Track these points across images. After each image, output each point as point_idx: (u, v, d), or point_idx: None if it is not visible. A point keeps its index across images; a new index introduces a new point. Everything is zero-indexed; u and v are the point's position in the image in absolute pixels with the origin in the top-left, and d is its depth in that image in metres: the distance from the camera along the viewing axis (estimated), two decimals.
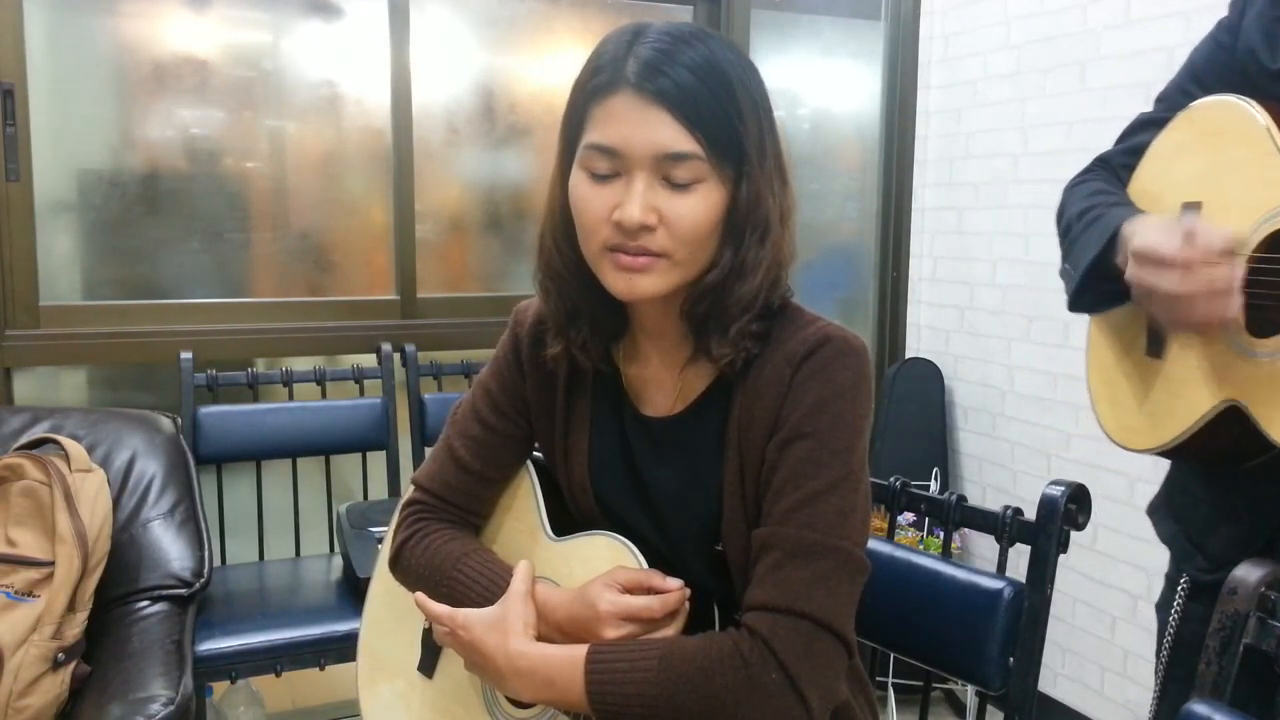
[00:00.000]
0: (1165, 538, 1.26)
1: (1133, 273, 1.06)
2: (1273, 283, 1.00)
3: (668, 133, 0.89)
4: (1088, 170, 1.30)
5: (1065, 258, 1.23)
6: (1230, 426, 1.05)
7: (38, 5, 2.21)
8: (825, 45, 3.06)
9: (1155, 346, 1.16)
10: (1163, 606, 1.27)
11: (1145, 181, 1.22)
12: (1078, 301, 1.20)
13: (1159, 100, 1.26)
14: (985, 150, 2.84)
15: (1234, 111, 1.09)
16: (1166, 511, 1.26)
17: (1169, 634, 1.24)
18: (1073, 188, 1.28)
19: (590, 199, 0.93)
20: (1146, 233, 1.05)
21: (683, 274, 0.95)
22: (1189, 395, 1.10)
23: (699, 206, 0.91)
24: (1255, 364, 1.02)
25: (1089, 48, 2.48)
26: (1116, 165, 1.27)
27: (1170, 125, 1.19)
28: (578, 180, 0.94)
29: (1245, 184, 1.06)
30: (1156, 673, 1.27)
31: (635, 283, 0.93)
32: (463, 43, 2.64)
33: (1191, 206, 1.12)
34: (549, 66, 2.73)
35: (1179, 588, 1.23)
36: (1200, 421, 1.08)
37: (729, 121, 0.91)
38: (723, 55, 0.92)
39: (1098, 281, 1.15)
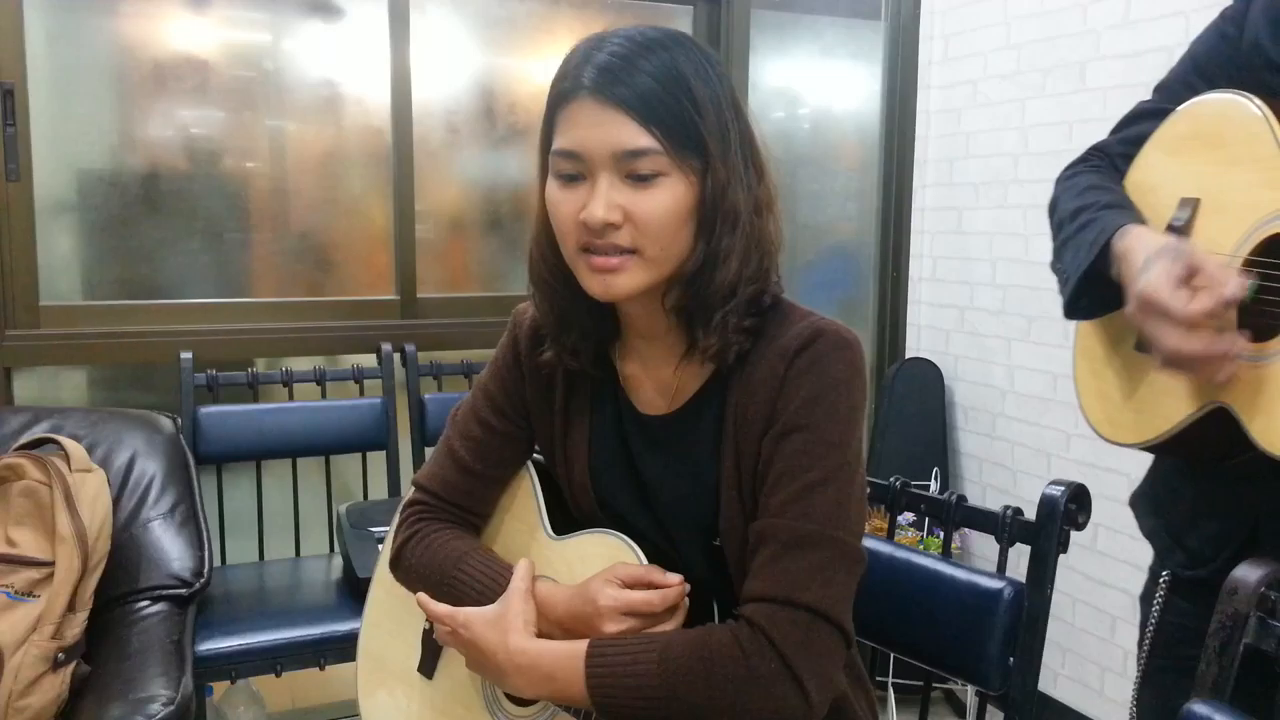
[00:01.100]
0: (1146, 531, 1.26)
1: (1133, 314, 1.04)
2: (1267, 286, 1.00)
3: (624, 131, 0.91)
4: (1083, 160, 1.28)
5: (1057, 256, 1.22)
6: (1216, 426, 1.05)
7: (38, 5, 2.21)
8: (825, 45, 3.06)
9: (1145, 342, 1.14)
10: (1145, 598, 1.27)
11: (1143, 173, 1.20)
12: (1073, 308, 1.19)
13: (1158, 90, 1.24)
14: (985, 150, 2.84)
15: (1237, 109, 1.08)
16: (1148, 505, 1.26)
17: (1150, 626, 1.24)
18: (1066, 180, 1.27)
19: (561, 203, 0.95)
20: (1148, 270, 1.02)
21: (657, 270, 0.96)
22: (1177, 394, 1.09)
23: (663, 200, 0.93)
24: (1246, 367, 1.01)
25: (1089, 48, 2.48)
26: (1114, 155, 1.25)
27: (1171, 118, 1.17)
28: (550, 186, 0.97)
29: (1245, 184, 1.05)
30: (1138, 662, 1.27)
31: (610, 283, 0.95)
32: (462, 43, 2.64)
33: (1189, 202, 1.11)
34: (549, 66, 2.70)
35: (1161, 581, 1.23)
36: (1187, 420, 1.08)
37: (685, 115, 0.92)
38: (681, 55, 0.94)
39: (1092, 290, 1.14)
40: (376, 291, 2.61)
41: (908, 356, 3.08)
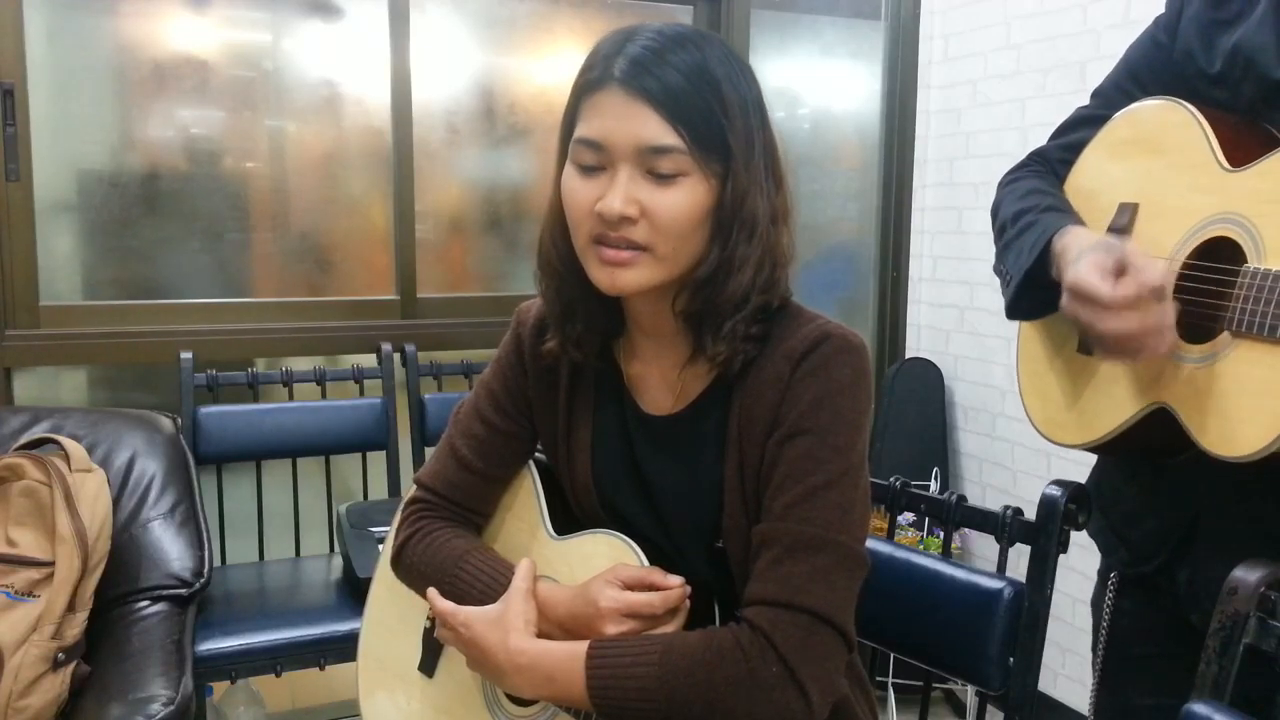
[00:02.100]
0: (1092, 531, 1.26)
1: (1066, 305, 1.05)
2: (1203, 290, 1.02)
3: (650, 127, 0.91)
4: (1023, 165, 1.30)
5: (999, 259, 1.23)
6: (1157, 427, 1.06)
7: (38, 5, 2.21)
8: (825, 45, 3.06)
9: (1086, 345, 1.16)
10: (1096, 603, 1.29)
11: (1082, 179, 1.22)
12: (1014, 309, 1.20)
13: (1095, 96, 1.26)
14: (985, 150, 2.84)
15: (1174, 115, 1.10)
16: (1094, 505, 1.26)
17: (1103, 629, 1.26)
18: (1007, 184, 1.28)
19: (577, 191, 0.95)
20: (1078, 262, 1.04)
21: (666, 269, 0.95)
22: (1119, 395, 1.11)
23: (681, 200, 0.92)
24: (1184, 368, 1.03)
25: (1089, 48, 2.48)
26: (1054, 160, 1.27)
27: (1110, 124, 1.19)
28: (568, 174, 0.97)
29: (1182, 189, 1.07)
30: (1094, 668, 1.28)
31: (617, 276, 0.94)
32: (463, 43, 2.64)
33: (1127, 207, 1.13)
34: (549, 66, 2.73)
35: (1109, 582, 1.25)
36: (1129, 421, 1.09)
37: (713, 118, 0.92)
38: (712, 55, 0.94)
39: (1033, 291, 1.15)
40: (376, 291, 2.61)
41: (908, 356, 3.08)
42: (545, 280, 1.05)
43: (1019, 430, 2.74)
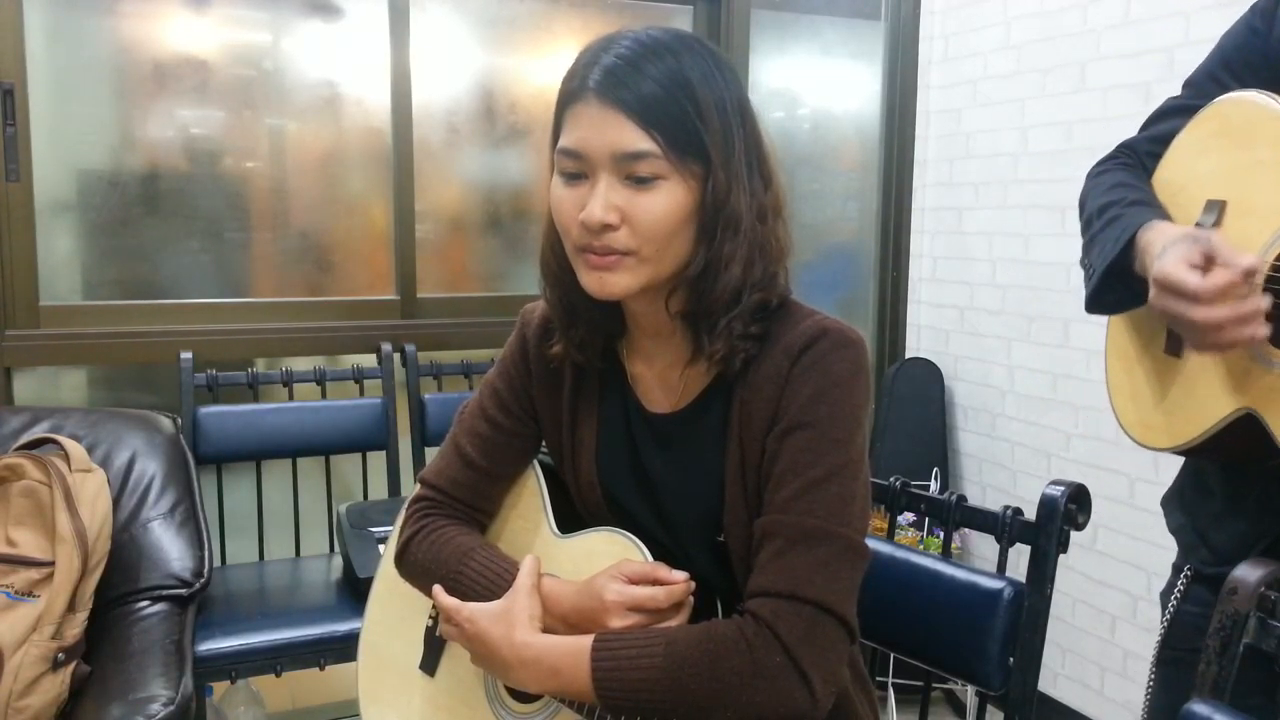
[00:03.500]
0: (1173, 528, 1.25)
1: (1154, 299, 1.03)
2: None
3: (625, 134, 0.92)
4: (1112, 157, 1.27)
5: (1085, 254, 1.21)
6: (1245, 433, 1.04)
7: (38, 5, 2.21)
8: (825, 45, 3.06)
9: (1174, 345, 1.14)
10: (1166, 593, 1.27)
11: (1170, 172, 1.19)
12: (1096, 303, 1.18)
13: (1187, 85, 1.22)
14: (985, 150, 2.84)
15: (1264, 110, 1.06)
16: (1177, 503, 1.26)
17: (1166, 616, 1.24)
18: (1096, 177, 1.26)
19: (563, 200, 0.97)
20: (1165, 255, 1.02)
21: (653, 271, 0.96)
22: (1206, 399, 1.09)
23: (661, 203, 0.93)
24: (1273, 373, 1.01)
25: (1089, 48, 2.48)
26: (1142, 153, 1.24)
27: (1198, 117, 1.15)
28: (554, 183, 0.98)
29: (1271, 186, 1.04)
30: (1154, 655, 1.27)
31: (605, 281, 0.96)
32: (463, 43, 2.64)
33: (1215, 204, 1.10)
34: (549, 66, 2.73)
35: (1183, 574, 1.23)
36: (1216, 427, 1.07)
37: (687, 120, 0.93)
38: (687, 59, 0.94)
39: (1116, 284, 1.13)
40: (376, 291, 2.61)
41: (908, 356, 3.08)
42: (547, 285, 1.07)
43: (1019, 430, 2.74)
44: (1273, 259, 1.02)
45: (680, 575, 1.00)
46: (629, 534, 1.04)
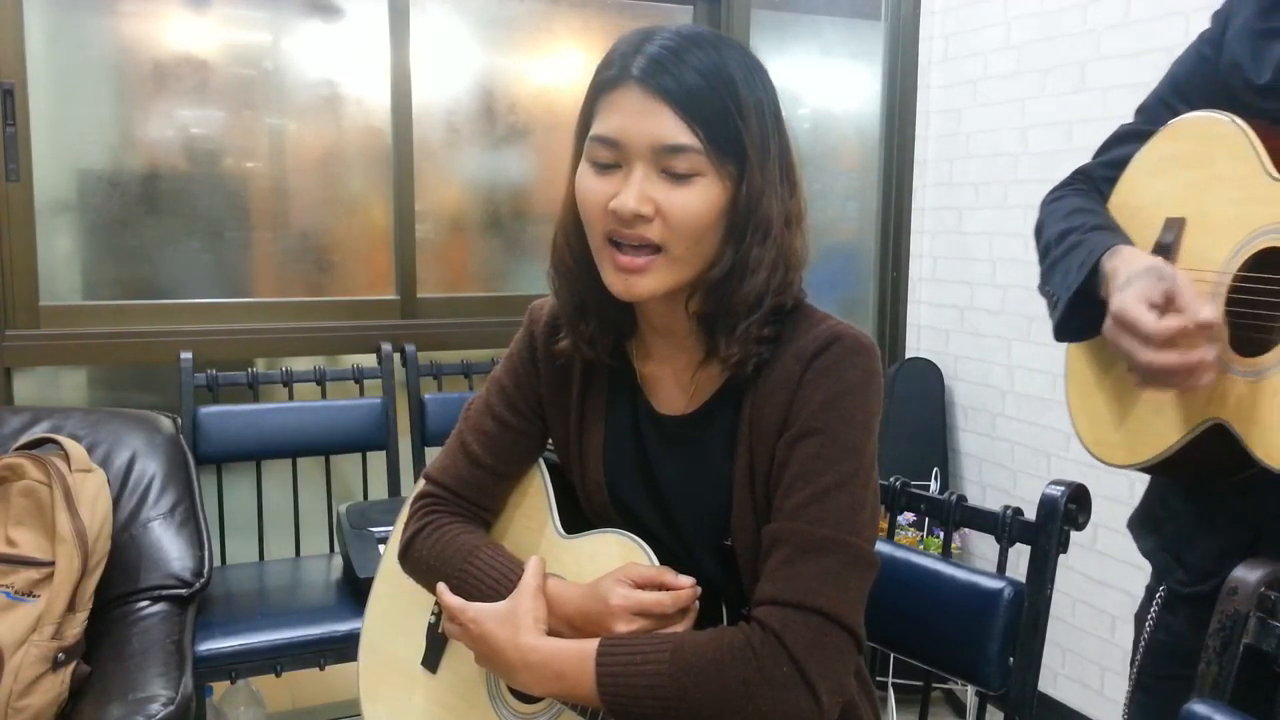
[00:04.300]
0: (1145, 551, 1.25)
1: (1108, 331, 1.05)
2: (1257, 301, 1.00)
3: (667, 125, 0.91)
4: (1066, 184, 1.29)
5: (1045, 280, 1.22)
6: (1214, 444, 1.05)
7: (38, 5, 2.21)
8: (825, 45, 3.06)
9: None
10: (1140, 617, 1.27)
11: (1127, 195, 1.21)
12: (1063, 330, 1.19)
13: (1139, 112, 1.25)
14: (985, 150, 2.84)
15: (1220, 128, 1.09)
16: (1146, 525, 1.26)
17: (1142, 641, 1.24)
18: (1051, 203, 1.27)
19: (592, 189, 0.95)
20: (1127, 290, 1.03)
21: (681, 271, 0.96)
22: (1172, 413, 1.09)
23: (697, 200, 0.93)
24: (1240, 383, 1.01)
25: (1089, 48, 2.48)
26: (1097, 178, 1.26)
27: (1154, 139, 1.18)
28: (583, 171, 0.97)
29: (1230, 201, 1.06)
30: (1130, 680, 1.27)
31: (633, 283, 0.95)
32: (463, 43, 2.64)
33: (1175, 222, 1.12)
34: (549, 66, 2.72)
35: (1156, 598, 1.23)
36: (1184, 439, 1.08)
37: (729, 119, 0.92)
38: (730, 57, 0.94)
39: (1082, 311, 1.14)
40: (376, 291, 2.61)
41: (908, 356, 3.08)
42: (558, 279, 1.05)
43: (1019, 430, 2.74)
44: (1235, 270, 1.03)
45: (686, 580, 0.99)
46: (635, 537, 1.04)
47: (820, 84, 3.07)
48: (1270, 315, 0.99)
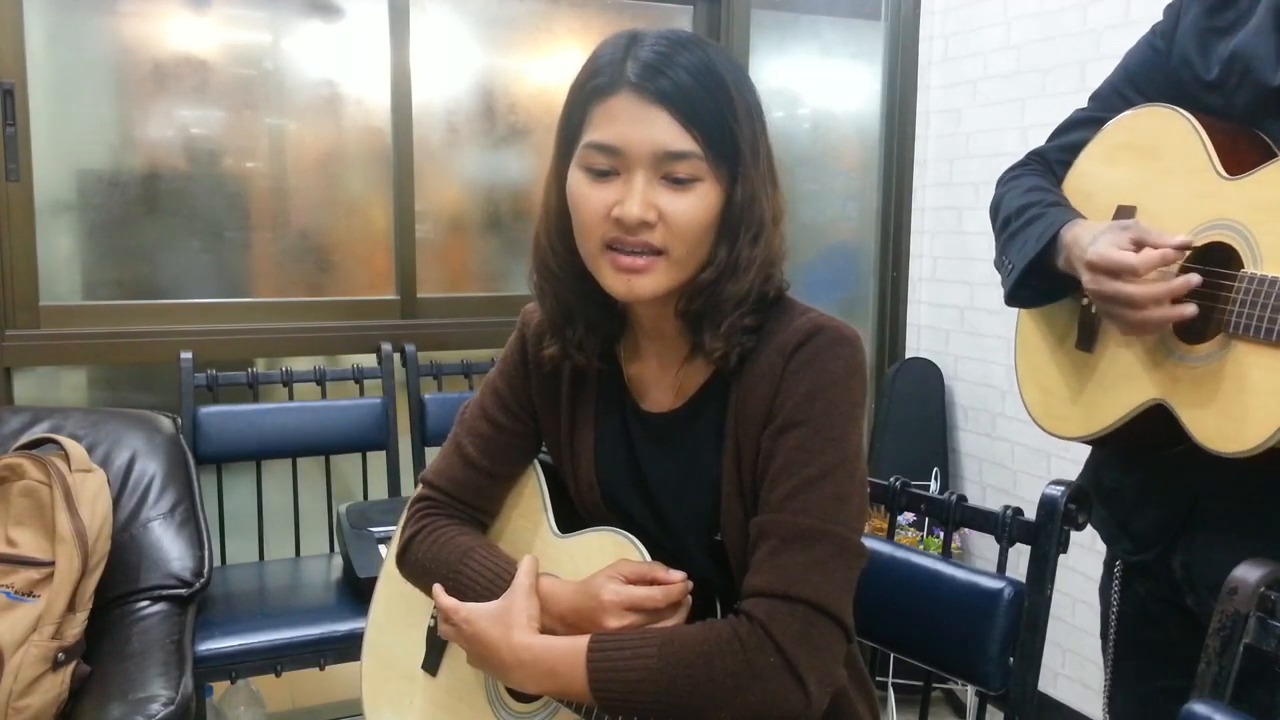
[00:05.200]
0: (1094, 522, 1.29)
1: (1090, 282, 1.09)
2: (1201, 292, 1.04)
3: (668, 132, 0.91)
4: (1023, 164, 1.33)
5: (1002, 251, 1.27)
6: (1154, 421, 1.11)
7: (38, 5, 2.21)
8: (825, 45, 3.06)
9: (1086, 341, 1.21)
10: (1104, 590, 1.32)
11: (1080, 181, 1.25)
12: (1015, 296, 1.25)
13: (1093, 99, 1.29)
14: (985, 150, 2.84)
15: (1171, 122, 1.12)
16: (1094, 495, 1.29)
17: (1113, 613, 1.29)
18: (1009, 181, 1.32)
19: (589, 196, 0.95)
20: (1096, 242, 1.08)
21: (680, 272, 0.96)
22: (1119, 390, 1.15)
23: (697, 204, 0.93)
24: (1183, 367, 1.07)
25: (1089, 48, 2.48)
26: (1052, 160, 1.31)
27: (1107, 128, 1.22)
28: (576, 179, 0.96)
29: (1179, 195, 1.10)
30: (1105, 654, 1.31)
31: (634, 284, 0.95)
32: (463, 43, 2.64)
33: (1126, 210, 1.16)
34: (549, 66, 2.72)
35: (1115, 570, 1.28)
36: (1128, 416, 1.14)
37: (725, 122, 0.93)
38: (718, 59, 0.95)
39: (1037, 279, 1.20)
40: (376, 291, 2.61)
41: (908, 356, 3.08)
42: (543, 284, 1.05)
43: (1019, 430, 2.74)
44: (1182, 262, 1.07)
45: (677, 575, 1.00)
46: (627, 534, 1.04)
47: (820, 84, 3.07)
48: (1213, 306, 1.04)
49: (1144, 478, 1.22)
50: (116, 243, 2.35)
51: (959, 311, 2.95)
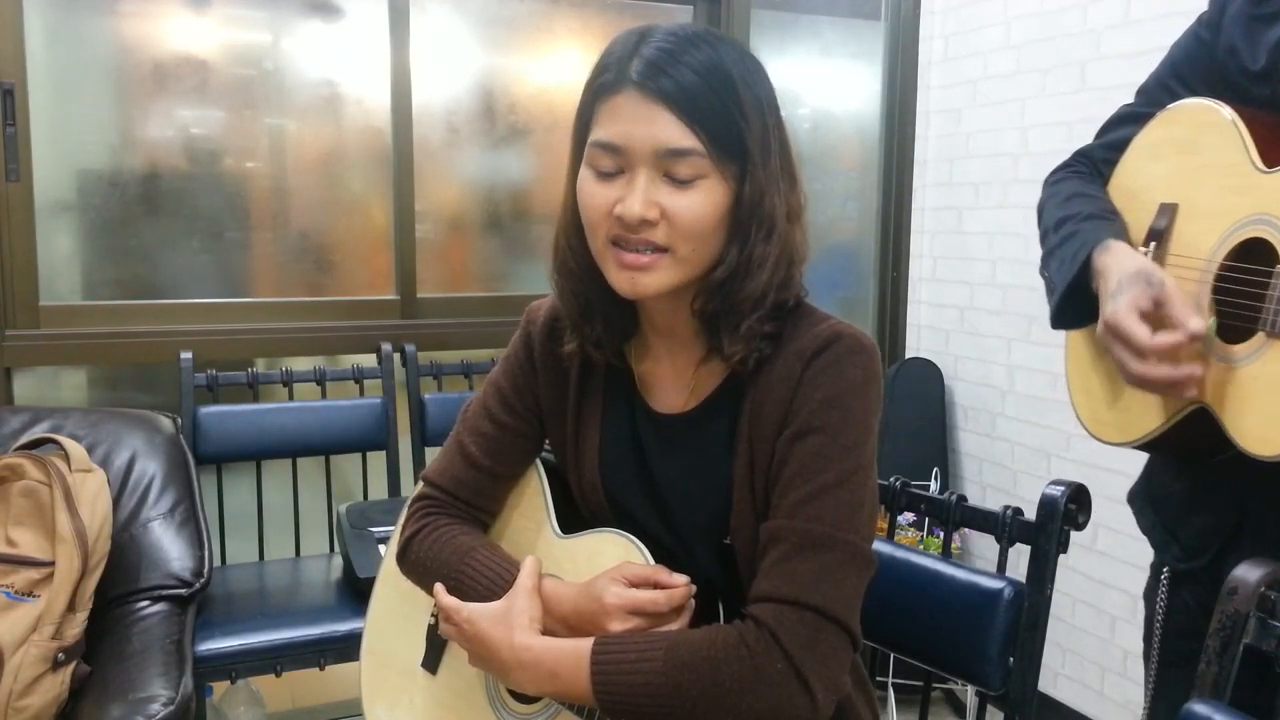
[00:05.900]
0: (1144, 527, 1.28)
1: (1102, 337, 1.08)
2: (1240, 291, 1.02)
3: (669, 129, 0.91)
4: (1067, 165, 1.31)
5: (1044, 264, 1.25)
6: (1199, 426, 1.08)
7: (38, 5, 2.21)
8: (825, 45, 3.06)
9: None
10: (1149, 594, 1.29)
11: (1125, 178, 1.23)
12: (1060, 319, 1.21)
13: (1140, 93, 1.28)
14: (985, 150, 2.83)
15: (1210, 115, 1.10)
16: (1145, 500, 1.29)
17: (1158, 623, 1.26)
18: (1053, 185, 1.29)
19: (594, 195, 0.95)
20: (1118, 298, 1.05)
21: (685, 270, 0.96)
22: (1161, 396, 1.12)
23: (701, 202, 0.93)
24: (1224, 369, 1.04)
25: (1089, 48, 2.48)
26: (1098, 160, 1.28)
27: (1152, 123, 1.20)
28: (584, 177, 0.96)
29: (1218, 190, 1.08)
30: (1148, 660, 1.28)
31: (638, 280, 0.95)
32: (463, 43, 2.64)
33: (1168, 208, 1.14)
34: (549, 66, 2.72)
35: (1162, 576, 1.26)
36: (1170, 421, 1.11)
37: (731, 119, 0.92)
38: (727, 55, 0.94)
39: (1075, 302, 1.17)
40: (376, 291, 2.61)
41: (908, 356, 3.08)
42: (562, 282, 1.05)
43: (1019, 430, 2.74)
44: (1221, 259, 1.05)
45: (681, 579, 0.99)
46: (631, 536, 1.04)
47: (820, 84, 3.07)
48: (1251, 305, 1.01)
49: (1192, 484, 1.19)
50: (116, 242, 2.35)
51: (959, 311, 2.95)
